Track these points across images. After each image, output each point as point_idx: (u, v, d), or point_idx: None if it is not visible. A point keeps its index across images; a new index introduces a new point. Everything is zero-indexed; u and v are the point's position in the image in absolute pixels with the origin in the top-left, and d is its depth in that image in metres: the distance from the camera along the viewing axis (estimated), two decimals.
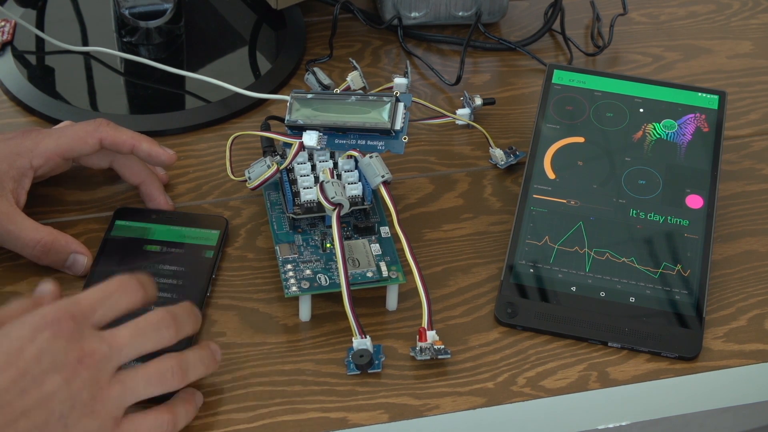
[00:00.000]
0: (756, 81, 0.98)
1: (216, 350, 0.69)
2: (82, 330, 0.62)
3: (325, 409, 0.71)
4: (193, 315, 0.68)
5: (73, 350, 0.61)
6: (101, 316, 0.64)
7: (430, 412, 0.71)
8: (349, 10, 1.00)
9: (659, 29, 1.03)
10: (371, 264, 0.76)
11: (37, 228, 0.76)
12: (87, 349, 0.62)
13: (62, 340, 0.61)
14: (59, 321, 0.61)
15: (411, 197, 0.86)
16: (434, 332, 0.73)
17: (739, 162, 0.90)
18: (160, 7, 0.95)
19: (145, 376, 0.64)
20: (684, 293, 0.77)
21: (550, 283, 0.78)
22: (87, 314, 0.63)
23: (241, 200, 0.84)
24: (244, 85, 0.92)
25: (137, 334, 0.64)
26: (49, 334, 0.61)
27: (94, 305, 0.64)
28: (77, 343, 0.62)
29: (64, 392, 0.61)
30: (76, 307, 0.63)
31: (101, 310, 0.64)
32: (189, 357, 0.67)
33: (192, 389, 0.69)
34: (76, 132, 0.79)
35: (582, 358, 0.75)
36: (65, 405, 0.61)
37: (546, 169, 0.83)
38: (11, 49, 0.95)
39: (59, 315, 0.62)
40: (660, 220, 0.81)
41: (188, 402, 0.68)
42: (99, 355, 0.62)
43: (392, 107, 0.78)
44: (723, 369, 0.75)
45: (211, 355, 0.69)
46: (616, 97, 0.87)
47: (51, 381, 0.60)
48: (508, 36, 1.02)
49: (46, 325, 0.61)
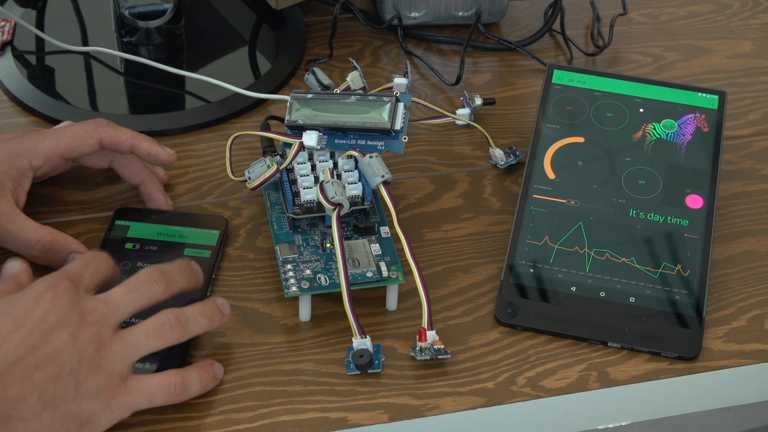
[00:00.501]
0: (756, 81, 0.98)
1: (223, 304, 0.71)
2: (79, 292, 0.66)
3: (325, 409, 0.71)
4: (187, 270, 0.71)
5: (75, 308, 0.65)
6: (89, 281, 0.67)
7: (430, 412, 0.71)
8: (349, 10, 1.00)
9: (659, 29, 1.03)
10: (371, 264, 0.76)
11: (37, 228, 0.76)
12: (86, 308, 0.65)
13: (64, 299, 0.65)
14: (57, 284, 0.65)
15: (411, 197, 0.86)
16: (434, 332, 0.73)
17: (739, 162, 0.90)
18: (160, 7, 0.95)
19: (144, 330, 0.67)
20: (684, 293, 0.77)
21: (550, 283, 0.78)
22: (78, 280, 0.67)
23: (241, 200, 0.84)
24: (244, 85, 0.92)
25: (129, 290, 0.68)
26: (50, 295, 0.65)
27: (81, 271, 0.68)
28: (77, 303, 0.65)
29: (71, 347, 0.64)
30: (68, 273, 0.67)
31: (87, 276, 0.68)
32: (188, 310, 0.69)
33: (210, 360, 0.71)
34: (76, 132, 0.79)
35: (582, 358, 0.75)
36: (74, 359, 0.64)
37: (546, 169, 0.83)
38: (11, 49, 0.95)
39: (56, 279, 0.65)
40: (660, 220, 0.81)
41: (204, 369, 0.70)
42: (98, 313, 0.65)
43: (392, 107, 0.78)
44: (723, 369, 0.75)
45: (215, 308, 0.71)
46: (616, 97, 0.87)
47: (58, 336, 0.64)
48: (508, 36, 1.02)
49: (46, 289, 0.65)
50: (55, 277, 0.66)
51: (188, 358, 0.72)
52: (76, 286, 0.66)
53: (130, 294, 0.67)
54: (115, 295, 0.67)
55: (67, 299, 0.65)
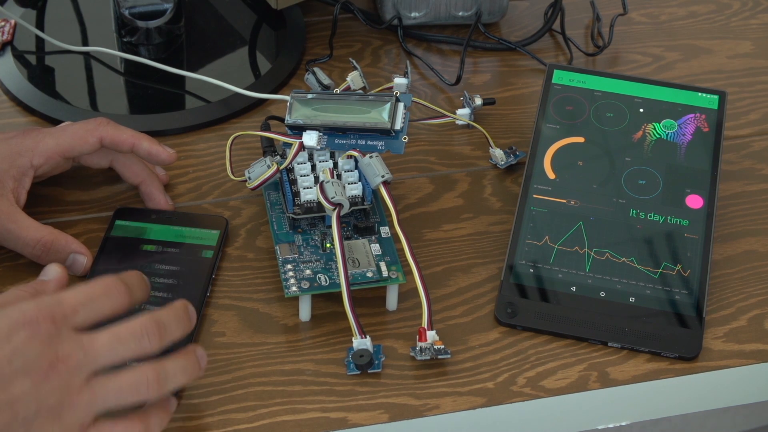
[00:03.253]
0: (756, 81, 0.98)
1: (202, 356, 0.66)
2: (61, 332, 0.60)
3: (325, 409, 0.71)
4: (185, 318, 0.65)
5: (47, 354, 0.59)
6: (83, 319, 0.61)
7: (430, 412, 0.71)
8: (349, 10, 1.00)
9: (659, 29, 1.03)
10: (371, 264, 0.76)
11: (37, 227, 0.76)
12: (61, 354, 0.59)
13: (37, 343, 0.59)
14: (38, 322, 0.59)
15: (411, 197, 0.86)
16: (434, 332, 0.73)
17: (739, 162, 0.90)
18: (160, 7, 0.95)
19: (117, 386, 0.61)
20: (684, 293, 0.77)
21: (550, 283, 0.78)
22: (68, 316, 0.61)
23: (241, 200, 0.84)
24: (244, 85, 0.92)
25: (116, 341, 0.61)
26: (25, 334, 0.59)
27: (77, 307, 0.61)
28: (52, 347, 0.59)
29: (31, 396, 0.59)
30: (59, 308, 0.61)
31: (83, 312, 0.62)
32: (169, 367, 0.63)
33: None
34: (77, 131, 0.79)
35: (582, 358, 0.75)
36: (30, 409, 0.59)
37: (546, 169, 0.83)
38: (11, 49, 0.95)
39: (39, 315, 0.60)
40: (660, 220, 0.81)
41: (162, 409, 0.65)
42: (73, 361, 0.60)
43: (392, 107, 0.78)
44: (723, 369, 0.75)
45: (196, 362, 0.65)
46: (616, 97, 0.87)
47: (20, 384, 0.58)
48: (508, 36, 1.02)
49: (24, 325, 0.59)
50: (41, 311, 0.60)
51: None
52: (59, 325, 0.60)
53: (115, 346, 0.61)
54: (99, 343, 0.61)
55: (40, 344, 0.59)
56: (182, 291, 0.76)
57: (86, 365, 0.60)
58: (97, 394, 0.61)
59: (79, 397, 0.60)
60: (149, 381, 0.62)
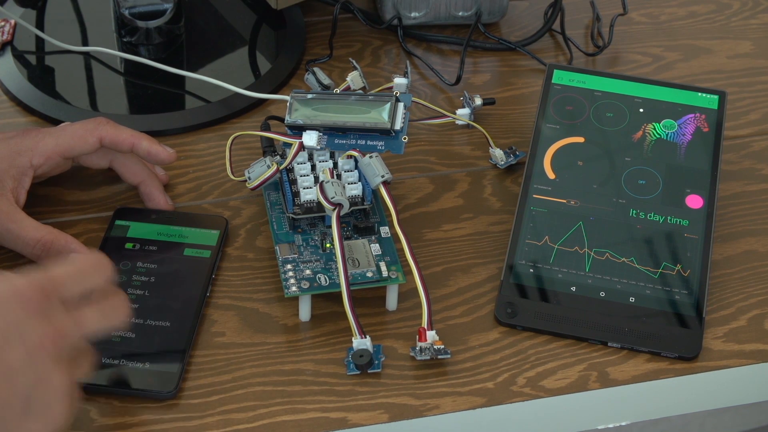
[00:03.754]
0: (756, 81, 0.98)
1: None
2: (50, 306, 0.60)
3: (325, 409, 0.71)
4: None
5: (41, 326, 0.59)
6: (70, 292, 0.62)
7: (430, 412, 0.71)
8: (349, 10, 1.00)
9: (659, 29, 1.03)
10: (371, 264, 0.76)
11: (37, 227, 0.76)
12: (52, 327, 0.60)
13: (30, 315, 0.59)
14: (30, 294, 0.60)
15: (411, 197, 0.86)
16: (434, 332, 0.73)
17: (739, 162, 0.90)
18: (160, 7, 0.95)
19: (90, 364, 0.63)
20: (684, 293, 0.77)
21: (550, 283, 0.78)
22: (58, 290, 0.61)
23: (241, 200, 0.84)
24: (244, 85, 0.92)
25: (103, 315, 0.63)
26: (17, 306, 0.59)
27: (66, 282, 0.62)
28: (44, 320, 0.60)
29: (29, 368, 0.59)
30: (49, 282, 0.61)
31: (71, 285, 0.62)
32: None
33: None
34: (76, 130, 0.79)
35: (582, 358, 0.75)
36: (28, 381, 0.59)
37: (546, 169, 0.83)
38: (11, 49, 0.95)
39: (29, 289, 0.60)
40: (660, 220, 0.81)
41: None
42: (62, 335, 0.60)
43: (392, 107, 0.78)
44: (723, 369, 0.75)
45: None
46: (616, 97, 0.87)
47: (14, 356, 0.58)
48: (508, 36, 1.02)
49: (16, 297, 0.59)
50: (32, 285, 0.60)
51: (188, 357, 0.72)
52: (50, 299, 0.60)
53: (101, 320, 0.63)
54: (89, 319, 0.62)
55: (34, 315, 0.59)
56: (182, 291, 0.76)
57: (77, 336, 0.61)
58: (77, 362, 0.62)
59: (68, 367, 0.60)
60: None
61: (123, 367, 0.71)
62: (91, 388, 0.70)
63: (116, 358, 0.71)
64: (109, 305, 0.63)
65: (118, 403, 0.70)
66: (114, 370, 0.71)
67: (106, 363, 0.71)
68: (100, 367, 0.71)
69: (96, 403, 0.70)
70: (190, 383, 0.71)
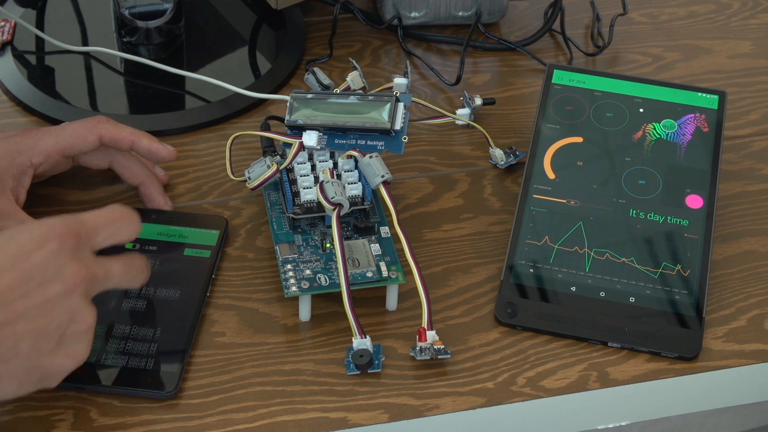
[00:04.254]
0: (756, 81, 0.98)
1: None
2: (83, 249, 0.63)
3: (325, 409, 0.71)
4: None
5: (75, 266, 0.62)
6: (101, 241, 0.65)
7: (430, 412, 0.71)
8: (349, 10, 1.00)
9: (659, 29, 1.03)
10: (371, 264, 0.76)
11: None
12: (86, 269, 0.63)
13: (67, 254, 0.62)
14: (66, 236, 0.62)
15: (411, 197, 0.86)
16: (434, 332, 0.73)
17: (739, 162, 0.90)
18: (160, 7, 0.95)
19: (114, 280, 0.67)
20: (684, 293, 0.77)
21: (550, 283, 0.78)
22: (90, 236, 0.64)
23: (241, 200, 0.84)
24: (244, 85, 0.92)
25: (127, 270, 0.67)
26: (56, 245, 0.62)
27: (98, 229, 0.65)
28: (79, 261, 0.63)
29: (65, 303, 0.62)
30: (82, 226, 0.64)
31: (103, 235, 0.65)
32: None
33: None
34: (76, 129, 0.79)
35: (582, 358, 0.75)
36: (65, 315, 0.62)
37: (546, 169, 0.83)
38: (11, 49, 0.95)
39: (66, 230, 0.63)
40: (660, 220, 0.81)
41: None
42: (94, 277, 0.64)
43: (392, 107, 0.78)
44: (723, 369, 0.75)
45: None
46: (616, 97, 0.87)
47: (54, 289, 0.61)
48: (508, 36, 1.02)
49: (54, 237, 0.62)
50: (67, 227, 0.63)
51: (188, 357, 0.72)
52: (82, 243, 0.63)
53: (125, 274, 0.66)
54: (115, 268, 0.66)
55: (69, 256, 0.62)
56: (182, 291, 0.76)
57: (101, 285, 0.65)
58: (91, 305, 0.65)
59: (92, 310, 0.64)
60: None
61: (123, 367, 0.71)
62: (91, 388, 0.70)
63: (116, 358, 0.71)
64: (132, 263, 0.67)
65: (118, 403, 0.70)
66: (114, 370, 0.71)
67: (106, 363, 0.71)
68: (100, 367, 0.71)
69: (96, 403, 0.70)
70: (190, 383, 0.71)
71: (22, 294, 0.61)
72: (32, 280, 0.61)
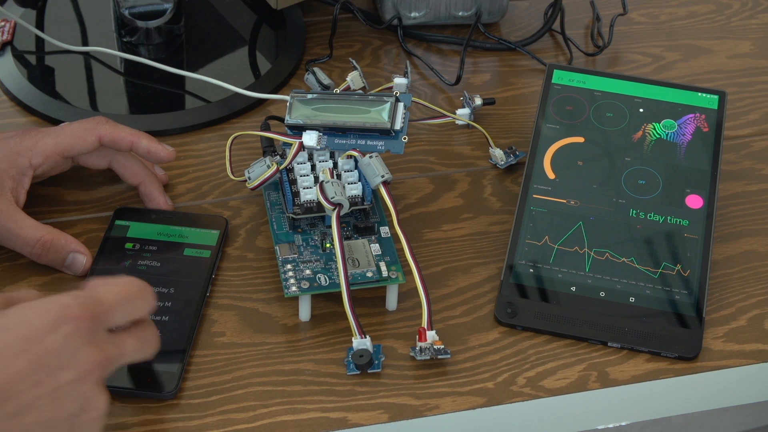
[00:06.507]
0: (756, 81, 0.98)
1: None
2: (98, 331, 0.60)
3: (325, 409, 0.71)
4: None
5: (90, 351, 0.59)
6: (117, 320, 0.62)
7: (430, 412, 0.71)
8: (349, 10, 1.00)
9: (659, 29, 1.03)
10: (371, 264, 0.76)
11: (37, 227, 0.76)
12: (101, 353, 0.60)
13: (81, 339, 0.59)
14: (81, 318, 0.59)
15: (411, 197, 0.86)
16: (434, 332, 0.73)
17: (739, 162, 0.90)
18: (160, 7, 0.95)
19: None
20: (684, 293, 0.77)
21: (550, 283, 0.78)
22: (107, 315, 0.61)
23: (241, 200, 0.84)
24: (244, 85, 0.92)
25: (140, 346, 0.64)
26: (70, 329, 0.58)
27: (115, 308, 0.62)
28: (94, 345, 0.59)
29: (77, 391, 0.59)
30: (98, 307, 0.61)
31: (119, 313, 0.62)
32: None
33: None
34: (75, 130, 0.79)
35: (582, 358, 0.75)
36: (76, 404, 0.59)
37: (546, 169, 0.83)
38: (11, 49, 0.95)
39: (82, 312, 0.59)
40: (660, 220, 0.81)
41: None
42: (109, 360, 0.61)
43: (392, 107, 0.78)
44: (723, 369, 0.75)
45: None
46: (616, 97, 0.87)
47: (67, 376, 0.58)
48: (508, 36, 1.02)
49: (69, 319, 0.59)
50: (82, 308, 0.59)
51: (188, 357, 0.72)
52: (98, 324, 0.60)
53: (139, 349, 0.64)
54: (128, 345, 0.63)
55: (84, 340, 0.59)
56: (182, 291, 0.76)
57: (117, 364, 0.62)
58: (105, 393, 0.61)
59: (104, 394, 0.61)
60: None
61: (123, 367, 0.71)
62: None
63: None
64: (145, 336, 0.64)
65: (118, 403, 0.70)
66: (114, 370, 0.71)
67: None
68: None
69: None
70: (190, 383, 0.71)
71: (34, 383, 0.57)
72: (45, 367, 0.57)
